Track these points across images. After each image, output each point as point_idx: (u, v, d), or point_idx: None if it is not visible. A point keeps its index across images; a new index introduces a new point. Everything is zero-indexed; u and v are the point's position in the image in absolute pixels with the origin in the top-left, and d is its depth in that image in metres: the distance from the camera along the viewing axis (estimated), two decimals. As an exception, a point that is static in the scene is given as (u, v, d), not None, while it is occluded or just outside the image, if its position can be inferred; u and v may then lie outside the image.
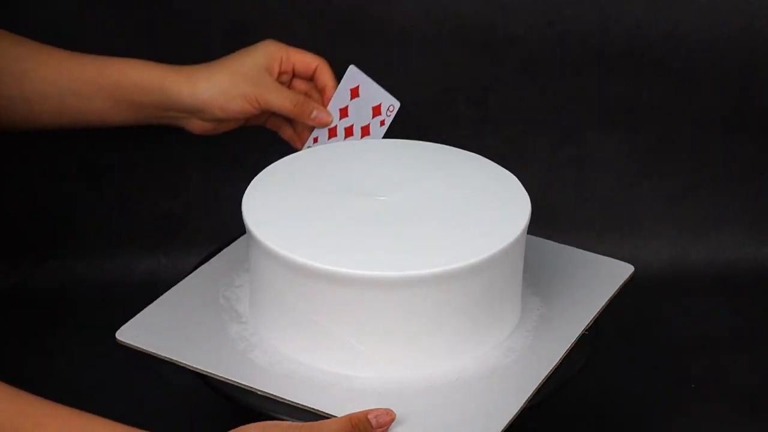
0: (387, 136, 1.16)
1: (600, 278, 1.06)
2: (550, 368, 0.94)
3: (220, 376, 0.94)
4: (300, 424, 0.87)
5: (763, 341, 1.28)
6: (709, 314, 1.33)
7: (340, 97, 1.12)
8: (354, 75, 1.13)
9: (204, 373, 0.94)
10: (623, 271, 1.07)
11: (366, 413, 0.89)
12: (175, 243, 1.37)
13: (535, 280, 1.04)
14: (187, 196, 1.37)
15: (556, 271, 1.06)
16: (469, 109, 1.34)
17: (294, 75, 1.14)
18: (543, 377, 0.93)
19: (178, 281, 1.06)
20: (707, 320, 1.32)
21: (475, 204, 0.98)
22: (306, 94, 1.14)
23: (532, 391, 0.91)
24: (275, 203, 0.98)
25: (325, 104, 1.13)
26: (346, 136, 1.13)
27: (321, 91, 1.14)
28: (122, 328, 0.99)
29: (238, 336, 0.98)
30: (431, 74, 1.33)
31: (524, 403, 0.90)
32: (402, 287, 0.89)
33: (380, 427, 0.90)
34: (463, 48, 1.32)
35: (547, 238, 1.12)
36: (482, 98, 1.34)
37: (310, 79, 1.14)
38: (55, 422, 0.86)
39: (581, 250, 1.10)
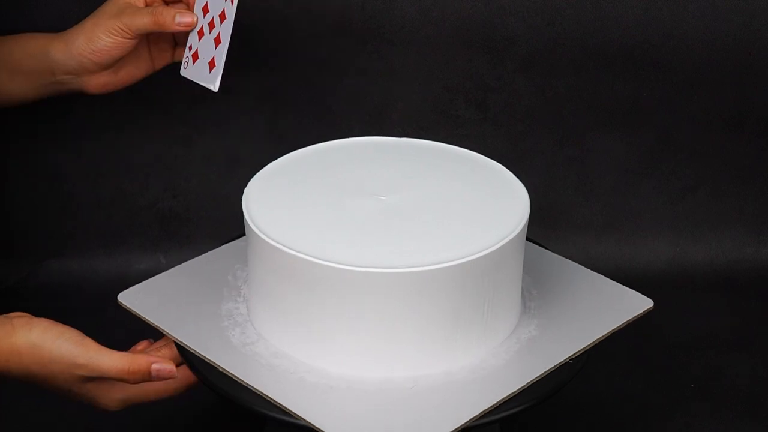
0: (387, 135, 1.16)
1: (610, 309, 1.01)
2: (508, 393, 0.91)
3: (191, 348, 0.94)
4: (80, 362, 0.94)
5: (763, 341, 1.28)
6: (709, 314, 1.33)
7: None
8: None
9: (178, 342, 0.95)
10: (639, 305, 1.02)
11: (149, 362, 0.93)
12: (175, 243, 1.37)
13: (544, 299, 1.02)
14: (187, 195, 1.37)
15: (567, 293, 1.03)
16: (469, 109, 1.34)
17: None
18: (495, 401, 0.90)
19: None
20: (707, 320, 1.32)
21: (474, 203, 0.98)
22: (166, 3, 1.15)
23: (480, 411, 0.89)
24: (274, 201, 0.98)
25: (191, 9, 1.13)
26: (210, 30, 1.12)
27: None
28: (126, 290, 1.00)
29: (227, 313, 0.99)
30: (431, 74, 1.33)
31: (467, 421, 0.88)
32: (395, 283, 0.89)
33: (159, 380, 0.95)
34: (463, 48, 1.32)
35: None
36: (482, 98, 1.34)
37: None
38: None
39: (604, 278, 1.05)
